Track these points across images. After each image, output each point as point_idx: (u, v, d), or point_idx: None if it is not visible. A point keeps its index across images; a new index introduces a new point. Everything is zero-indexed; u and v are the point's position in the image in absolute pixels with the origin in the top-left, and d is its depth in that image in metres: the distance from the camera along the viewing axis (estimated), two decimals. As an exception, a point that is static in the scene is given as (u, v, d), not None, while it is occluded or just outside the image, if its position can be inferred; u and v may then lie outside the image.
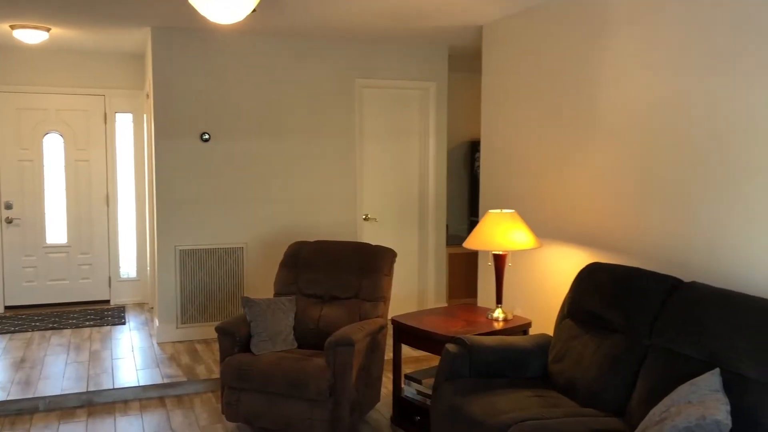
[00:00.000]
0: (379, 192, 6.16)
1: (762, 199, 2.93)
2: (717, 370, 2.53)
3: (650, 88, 3.52)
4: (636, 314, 3.06)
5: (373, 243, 6.14)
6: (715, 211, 3.16)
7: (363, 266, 4.25)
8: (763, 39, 2.90)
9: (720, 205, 3.14)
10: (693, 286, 2.93)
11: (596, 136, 3.91)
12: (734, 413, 2.48)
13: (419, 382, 3.89)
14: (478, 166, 6.18)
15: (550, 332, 4.27)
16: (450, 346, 3.41)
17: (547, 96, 4.32)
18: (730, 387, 2.54)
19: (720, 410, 2.32)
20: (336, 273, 4.28)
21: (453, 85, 7.40)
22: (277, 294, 4.38)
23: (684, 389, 2.53)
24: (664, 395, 2.71)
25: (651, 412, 2.56)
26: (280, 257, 5.80)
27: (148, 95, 6.09)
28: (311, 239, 5.84)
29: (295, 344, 4.10)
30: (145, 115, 6.60)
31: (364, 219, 6.09)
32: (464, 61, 6.89)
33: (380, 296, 4.16)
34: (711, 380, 2.50)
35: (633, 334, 3.06)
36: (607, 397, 3.02)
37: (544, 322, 4.33)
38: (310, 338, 4.15)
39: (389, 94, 6.11)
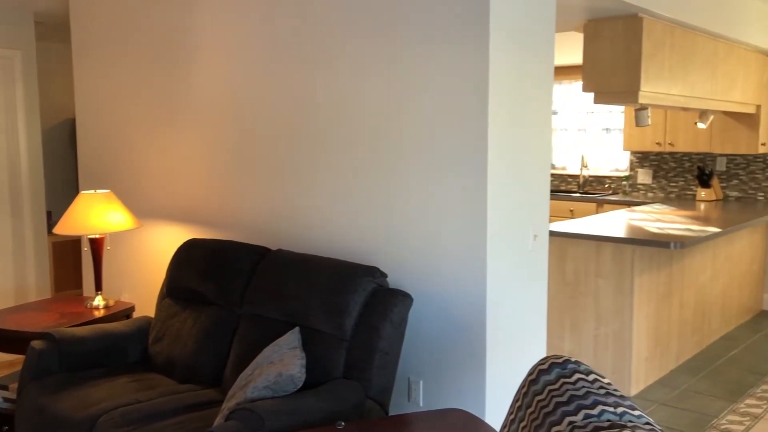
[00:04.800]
0: (-45, 177, 5.28)
1: (335, 171, 3.25)
2: (297, 329, 2.75)
3: (239, 68, 3.63)
4: (229, 285, 3.16)
5: (-48, 236, 5.26)
6: (298, 183, 3.42)
7: (-75, 264, 3.59)
8: (329, 27, 3.20)
9: (301, 178, 3.40)
10: (278, 253, 3.13)
11: (193, 113, 3.90)
12: (311, 364, 2.71)
13: (5, 388, 3.46)
14: (79, 146, 5.69)
15: (158, 313, 4.18)
16: (35, 343, 3.09)
17: (143, 69, 4.16)
18: (307, 342, 2.77)
19: (295, 365, 2.52)
20: None
21: (46, 57, 6.69)
22: None
23: (268, 351, 2.69)
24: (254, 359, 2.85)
25: (239, 377, 2.67)
26: None
27: None
28: None
29: None
30: None
31: (-63, 209, 5.17)
32: (58, 30, 6.27)
33: (-49, 297, 3.57)
34: (291, 339, 2.70)
35: (227, 305, 3.15)
36: (204, 370, 3.06)
37: (150, 304, 4.22)
38: None
39: (-38, 62, 5.25)
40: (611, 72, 4.09)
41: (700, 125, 5.55)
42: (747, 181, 6.21)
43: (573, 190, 7.16)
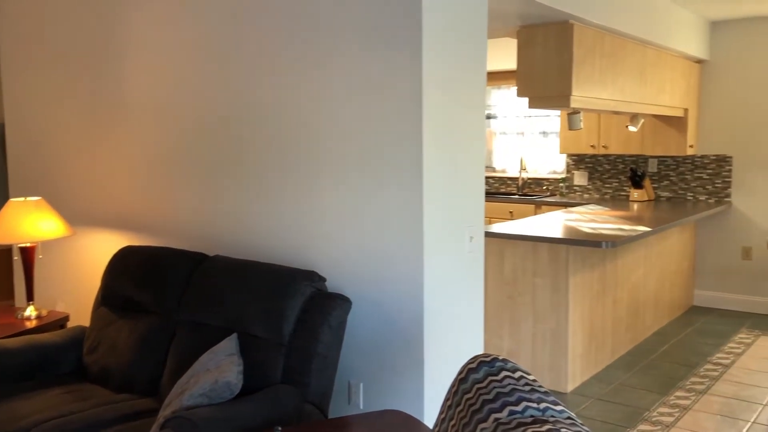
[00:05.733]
0: None
1: (272, 176, 3.25)
2: (234, 335, 2.73)
3: (172, 71, 3.58)
4: (165, 292, 3.11)
5: None
6: (236, 188, 3.40)
7: None
8: (256, 31, 3.20)
9: (240, 183, 3.38)
10: (215, 259, 3.11)
11: (126, 116, 3.83)
12: (249, 370, 2.70)
13: (-70, 403, 3.32)
14: (10, 151, 5.51)
15: (94, 323, 4.09)
16: (-39, 357, 2.99)
17: (75, 72, 4.06)
18: (245, 348, 2.76)
19: (232, 372, 2.50)
20: None
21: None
22: None
23: (204, 358, 2.66)
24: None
25: (176, 385, 2.63)
26: None
27: None
28: None
29: None
30: None
31: None
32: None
33: None
34: (228, 345, 2.68)
35: (164, 313, 3.11)
36: (140, 378, 3.01)
37: (86, 313, 4.12)
38: None
39: None
40: (544, 77, 4.21)
41: (631, 128, 5.74)
42: (677, 181, 6.46)
43: (512, 192, 7.31)
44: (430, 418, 2.93)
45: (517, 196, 6.88)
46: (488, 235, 4.33)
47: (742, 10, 5.64)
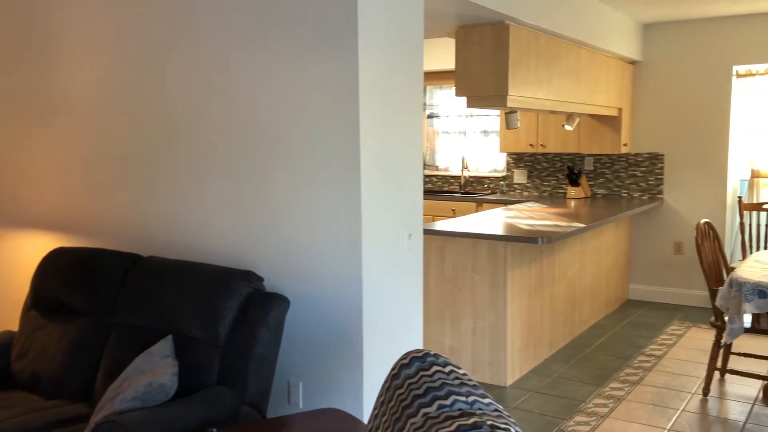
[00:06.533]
0: None
1: (208, 175, 3.21)
2: (169, 337, 2.68)
3: (106, 69, 3.50)
4: (99, 295, 3.04)
5: None
6: (172, 187, 3.34)
7: None
8: (186, 34, 3.15)
9: (175, 182, 3.32)
10: (150, 260, 3.05)
11: (57, 112, 3.72)
12: (186, 372, 2.66)
13: None
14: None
15: (25, 328, 3.95)
16: None
17: (4, 68, 3.92)
18: (182, 350, 2.72)
19: (166, 374, 2.47)
20: None
21: None
22: None
23: (139, 360, 2.61)
24: (125, 370, 2.76)
25: (109, 389, 2.58)
26: None
27: None
28: None
29: None
30: None
31: None
32: None
33: None
34: (163, 347, 2.63)
35: (97, 315, 3.03)
36: (72, 384, 2.93)
37: (16, 319, 3.99)
38: None
39: None
40: (481, 77, 4.27)
41: (567, 127, 5.88)
42: (612, 179, 6.65)
43: (455, 191, 7.39)
44: (369, 416, 2.94)
45: (459, 194, 6.96)
46: (429, 232, 4.37)
47: (673, 13, 5.85)
